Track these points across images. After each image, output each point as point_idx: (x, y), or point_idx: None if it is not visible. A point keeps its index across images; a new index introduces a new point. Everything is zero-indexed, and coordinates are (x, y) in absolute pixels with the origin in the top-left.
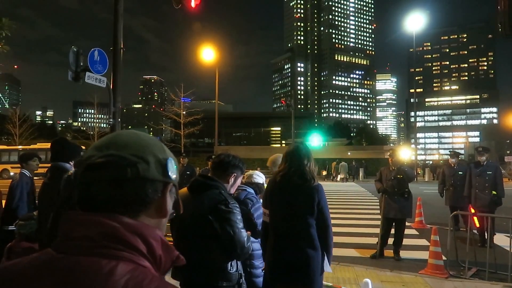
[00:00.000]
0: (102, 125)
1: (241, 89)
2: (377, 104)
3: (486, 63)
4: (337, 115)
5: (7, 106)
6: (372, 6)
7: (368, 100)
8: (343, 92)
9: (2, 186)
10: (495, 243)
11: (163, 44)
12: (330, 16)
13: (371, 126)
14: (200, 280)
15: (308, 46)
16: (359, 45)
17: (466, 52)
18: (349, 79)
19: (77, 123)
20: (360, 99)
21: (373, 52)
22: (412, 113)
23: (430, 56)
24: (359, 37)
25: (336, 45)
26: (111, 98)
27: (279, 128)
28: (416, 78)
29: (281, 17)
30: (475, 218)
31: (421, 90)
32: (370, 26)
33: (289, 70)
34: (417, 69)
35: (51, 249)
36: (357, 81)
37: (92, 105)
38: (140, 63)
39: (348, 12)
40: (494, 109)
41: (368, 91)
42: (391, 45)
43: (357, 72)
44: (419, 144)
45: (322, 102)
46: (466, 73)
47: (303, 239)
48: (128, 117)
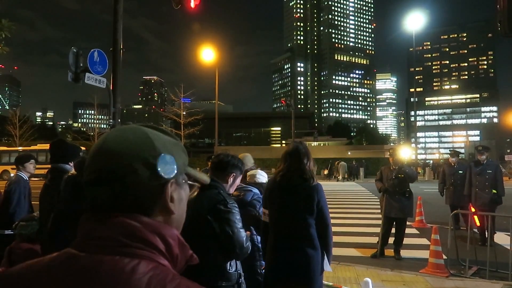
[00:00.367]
0: (102, 126)
1: (241, 89)
2: (377, 104)
3: (486, 62)
4: (337, 115)
5: (7, 107)
6: (372, 6)
7: (368, 100)
8: (343, 92)
9: (2, 187)
10: (496, 242)
11: (163, 45)
12: (330, 16)
13: (371, 126)
14: (199, 280)
15: (308, 46)
16: (359, 45)
17: (466, 51)
18: (349, 79)
19: (77, 124)
20: (360, 99)
21: (373, 52)
22: (412, 113)
23: (430, 55)
24: (359, 37)
25: (336, 45)
26: (111, 99)
27: (279, 128)
28: (416, 78)
29: (281, 17)
30: (476, 217)
31: (421, 89)
32: (370, 26)
33: (289, 70)
34: (417, 69)
35: (72, 248)
36: (357, 81)
37: (92, 106)
38: (140, 64)
39: (348, 12)
40: (494, 108)
41: (368, 91)
42: (391, 45)
43: (357, 72)
44: (419, 144)
45: (322, 102)
46: (466, 72)
47: (303, 239)
48: (128, 118)
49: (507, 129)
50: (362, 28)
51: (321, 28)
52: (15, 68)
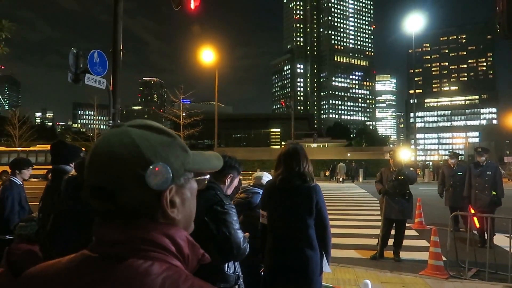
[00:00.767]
0: (102, 127)
1: (241, 91)
2: (377, 105)
3: (486, 64)
4: (337, 116)
5: (7, 108)
6: (371, 7)
7: (368, 101)
8: (343, 93)
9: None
10: (495, 244)
11: (163, 46)
12: (330, 18)
13: (371, 127)
14: None
15: (308, 47)
16: (359, 46)
17: (466, 53)
18: (349, 80)
19: (77, 125)
20: (360, 100)
21: (373, 53)
22: (412, 114)
23: (430, 57)
24: (359, 38)
25: (336, 46)
26: (111, 100)
27: (279, 130)
28: (416, 79)
29: (281, 19)
30: (475, 219)
31: (421, 91)
32: (370, 27)
33: (289, 72)
34: (417, 70)
35: (87, 251)
36: (357, 82)
37: (92, 107)
38: (140, 65)
39: (348, 13)
40: (494, 110)
41: (368, 92)
42: (391, 46)
43: (357, 73)
44: (419, 145)
45: (322, 103)
46: (466, 74)
47: (302, 240)
48: (128, 119)
49: (507, 131)
50: (362, 30)
51: (321, 30)
52: (16, 69)
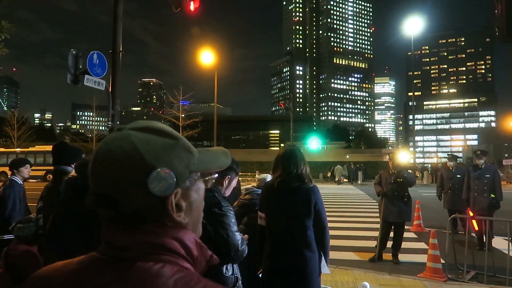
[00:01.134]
0: (101, 128)
1: (240, 92)
2: (376, 107)
3: (484, 67)
4: (336, 118)
5: (6, 109)
6: (371, 10)
7: (367, 103)
8: (342, 95)
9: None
10: (494, 246)
11: (162, 47)
12: (329, 20)
13: (370, 129)
14: None
15: (307, 50)
16: (358, 49)
17: (464, 56)
18: (348, 82)
19: (76, 126)
20: (359, 102)
21: (372, 56)
22: (411, 116)
23: (428, 60)
24: (358, 41)
25: (335, 49)
26: (110, 101)
27: (278, 131)
28: (415, 82)
29: (280, 21)
30: (474, 221)
31: (420, 94)
32: (369, 30)
33: (288, 73)
34: (416, 73)
35: (97, 253)
36: (356, 84)
37: (91, 108)
38: (139, 66)
39: (347, 16)
40: (492, 113)
41: (367, 94)
42: (390, 49)
43: (356, 75)
44: (418, 147)
45: (321, 105)
46: (464, 77)
47: (300, 241)
48: (127, 120)
49: (505, 134)
50: (361, 32)
51: (320, 32)
52: (15, 70)
